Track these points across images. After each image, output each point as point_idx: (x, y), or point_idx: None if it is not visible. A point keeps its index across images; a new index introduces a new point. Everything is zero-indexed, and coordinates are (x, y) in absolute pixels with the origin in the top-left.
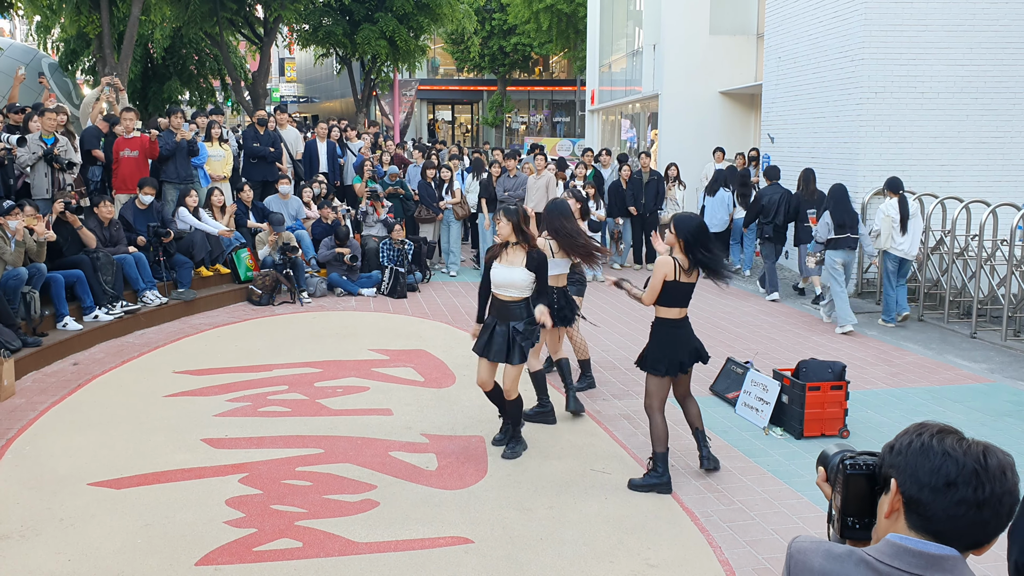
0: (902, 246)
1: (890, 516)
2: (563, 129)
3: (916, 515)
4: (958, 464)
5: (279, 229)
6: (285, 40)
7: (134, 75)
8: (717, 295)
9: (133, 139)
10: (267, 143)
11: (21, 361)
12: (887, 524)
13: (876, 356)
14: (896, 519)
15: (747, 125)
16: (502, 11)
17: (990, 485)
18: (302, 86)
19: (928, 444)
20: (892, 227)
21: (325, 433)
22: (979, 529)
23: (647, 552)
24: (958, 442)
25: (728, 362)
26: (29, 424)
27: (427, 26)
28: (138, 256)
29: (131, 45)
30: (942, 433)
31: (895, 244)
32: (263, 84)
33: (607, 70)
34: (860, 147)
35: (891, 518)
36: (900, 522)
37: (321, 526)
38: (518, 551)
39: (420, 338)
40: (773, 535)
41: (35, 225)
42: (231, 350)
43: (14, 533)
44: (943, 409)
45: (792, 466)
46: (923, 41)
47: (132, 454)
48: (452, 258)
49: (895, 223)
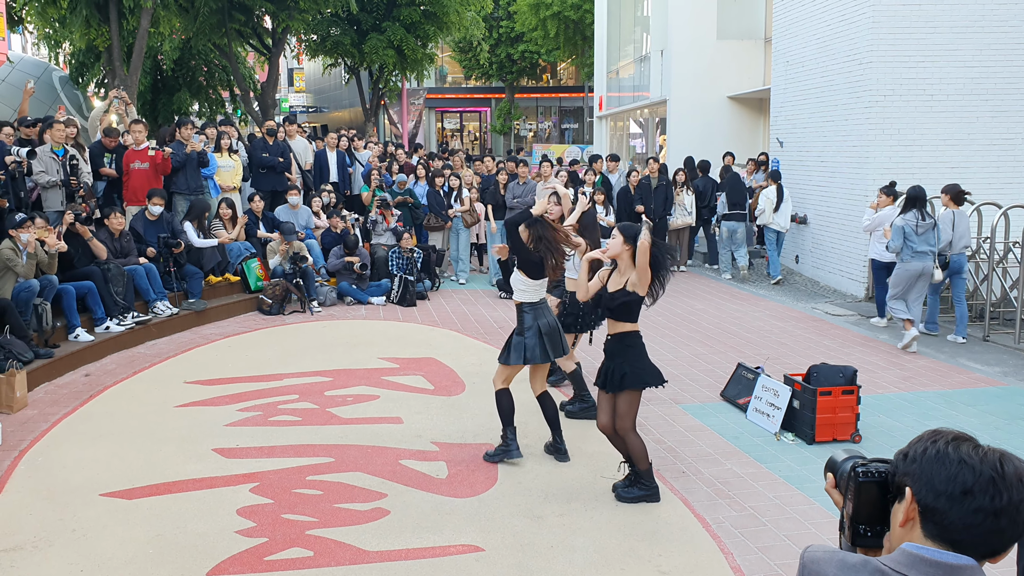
0: (778, 220)
1: (905, 525)
2: (571, 136)
3: (932, 524)
4: (975, 472)
5: (290, 239)
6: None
7: (144, 87)
8: (727, 300)
9: (143, 151)
10: (276, 153)
11: (33, 373)
12: (902, 533)
13: (888, 360)
14: (911, 528)
15: (756, 130)
16: (509, 19)
17: (1007, 493)
18: (311, 96)
19: (944, 452)
20: (770, 207)
21: (335, 442)
22: (996, 537)
23: (658, 559)
24: (974, 449)
25: (739, 367)
26: (41, 435)
27: (434, 35)
28: (148, 267)
29: (140, 57)
30: (957, 440)
31: (773, 220)
32: (272, 95)
33: (615, 76)
34: (869, 150)
35: (906, 527)
36: (916, 531)
37: (332, 535)
38: (529, 559)
39: (430, 346)
40: (785, 541)
41: (46, 237)
42: (242, 360)
43: (27, 544)
44: (956, 413)
45: (804, 472)
46: (932, 43)
47: (144, 464)
48: (461, 266)
49: (772, 204)
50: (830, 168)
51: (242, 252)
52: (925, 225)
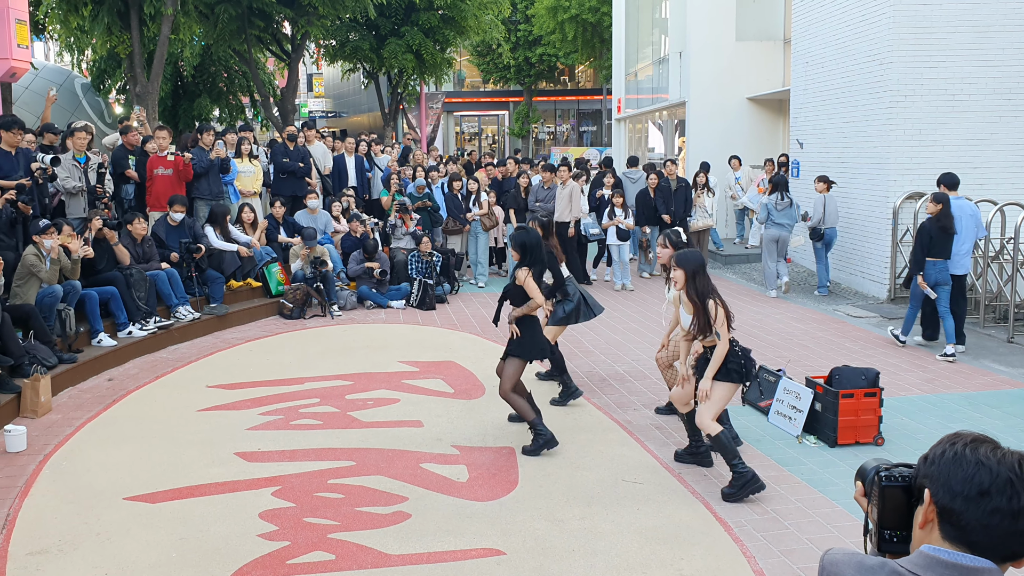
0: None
1: (924, 527)
2: (590, 138)
3: (950, 525)
4: (992, 473)
5: (311, 244)
6: (313, 56)
7: (164, 93)
8: (748, 303)
9: (167, 157)
10: (297, 158)
11: (57, 377)
12: (922, 535)
13: (910, 362)
14: (930, 530)
15: (775, 131)
16: (527, 22)
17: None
18: (330, 101)
19: (961, 453)
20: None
21: (356, 445)
22: (1015, 540)
23: (680, 563)
24: (992, 451)
25: (760, 370)
26: (66, 439)
27: (453, 39)
28: (171, 272)
29: (161, 64)
30: (976, 442)
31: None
32: (292, 100)
33: (633, 78)
34: (890, 151)
35: (925, 529)
36: (935, 533)
37: (354, 538)
38: (550, 562)
39: (449, 349)
40: (808, 544)
41: (70, 244)
42: (263, 364)
43: (52, 548)
44: (980, 415)
45: (826, 475)
46: (953, 43)
47: (167, 468)
48: (480, 269)
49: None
50: (851, 169)
51: (263, 257)
52: (783, 204)
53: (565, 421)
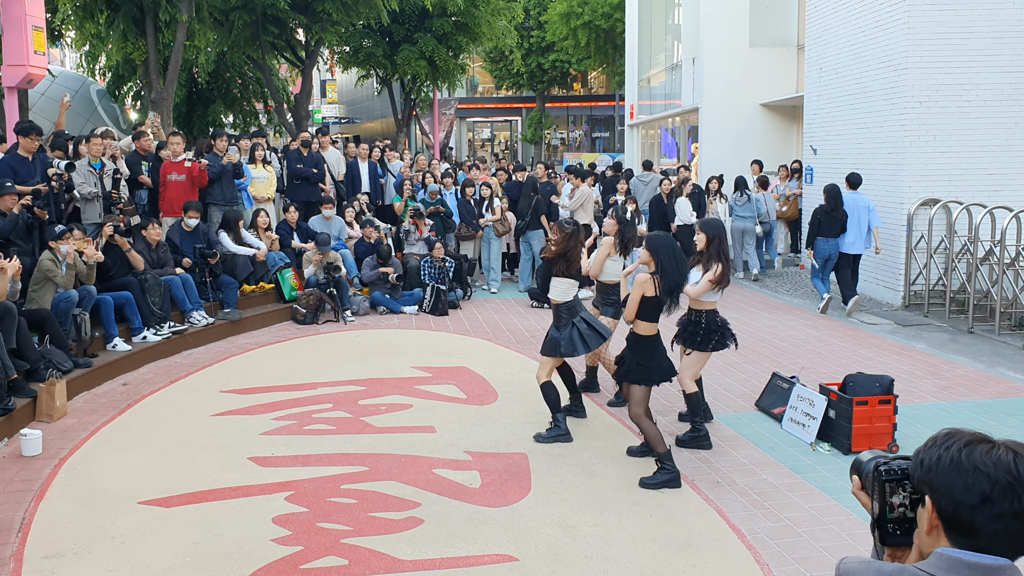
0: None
1: (930, 533)
2: (602, 144)
3: (957, 533)
4: (990, 479)
5: (324, 249)
6: (326, 62)
7: (179, 99)
8: (761, 309)
9: (180, 163)
10: (310, 165)
11: (72, 382)
12: (929, 541)
13: (925, 370)
14: (938, 536)
15: (789, 137)
16: (540, 28)
17: None
18: (344, 107)
19: (957, 459)
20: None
21: (369, 451)
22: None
23: (693, 570)
24: (987, 453)
25: (774, 377)
26: (81, 444)
27: (466, 45)
28: (185, 277)
29: (176, 70)
30: (970, 444)
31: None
32: (305, 106)
33: (646, 84)
34: (905, 157)
35: (932, 535)
36: (943, 538)
37: (367, 544)
38: (563, 569)
39: (462, 355)
40: (822, 552)
41: (85, 248)
42: (276, 369)
43: (68, 551)
44: (996, 423)
45: (840, 482)
46: (968, 49)
47: (181, 473)
48: (493, 275)
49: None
50: (865, 175)
51: (277, 262)
52: (743, 200)
53: (578, 428)
